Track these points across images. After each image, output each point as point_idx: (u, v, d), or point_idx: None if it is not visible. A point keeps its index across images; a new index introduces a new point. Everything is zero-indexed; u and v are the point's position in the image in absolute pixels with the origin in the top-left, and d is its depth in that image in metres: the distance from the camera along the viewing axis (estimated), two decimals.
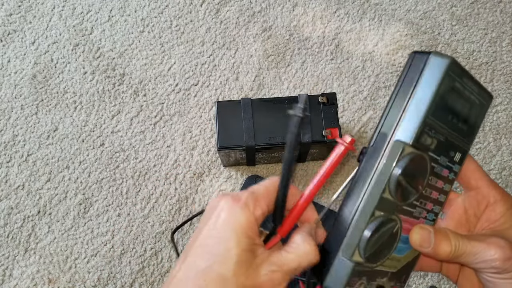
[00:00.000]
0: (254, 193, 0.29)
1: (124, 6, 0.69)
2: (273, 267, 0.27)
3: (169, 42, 0.67)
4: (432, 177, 0.30)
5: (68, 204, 0.60)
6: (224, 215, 0.28)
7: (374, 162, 0.29)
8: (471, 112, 0.31)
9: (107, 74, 0.65)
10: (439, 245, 0.29)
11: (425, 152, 0.29)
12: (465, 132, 0.32)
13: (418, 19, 0.68)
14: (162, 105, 0.64)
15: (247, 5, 0.69)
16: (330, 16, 0.68)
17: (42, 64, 0.66)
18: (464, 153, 0.32)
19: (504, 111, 0.64)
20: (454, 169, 0.32)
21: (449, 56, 0.28)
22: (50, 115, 0.63)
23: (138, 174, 0.61)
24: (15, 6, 0.68)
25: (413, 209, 0.30)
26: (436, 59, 0.28)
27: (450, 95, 0.30)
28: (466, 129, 0.32)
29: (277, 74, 0.66)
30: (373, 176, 0.28)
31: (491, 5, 0.69)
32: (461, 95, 0.30)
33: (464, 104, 0.31)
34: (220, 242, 0.27)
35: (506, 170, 0.61)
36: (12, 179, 0.61)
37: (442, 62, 0.28)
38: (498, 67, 0.66)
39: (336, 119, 0.54)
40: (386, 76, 0.65)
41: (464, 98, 0.30)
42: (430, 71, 0.29)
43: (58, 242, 0.58)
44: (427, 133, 0.29)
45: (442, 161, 0.30)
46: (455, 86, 0.29)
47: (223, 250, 0.27)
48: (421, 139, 0.28)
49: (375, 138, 0.29)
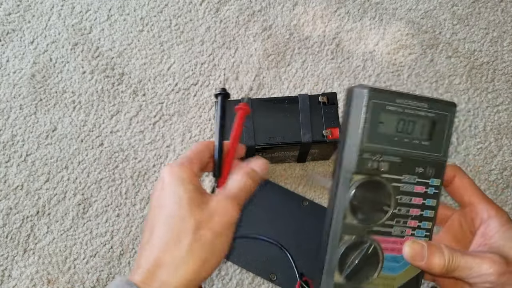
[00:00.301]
0: (185, 156, 0.34)
1: (123, 5, 0.68)
2: (219, 196, 0.33)
3: (168, 41, 0.67)
4: (402, 196, 0.32)
5: (67, 204, 0.59)
6: (168, 177, 0.33)
7: (335, 194, 0.32)
8: (426, 127, 0.33)
9: (106, 73, 0.65)
10: (432, 258, 0.30)
11: (377, 175, 0.32)
12: (428, 147, 0.33)
13: (419, 18, 0.68)
14: (162, 105, 0.64)
15: (247, 4, 0.68)
16: (330, 15, 0.68)
17: (41, 63, 0.65)
18: (438, 166, 0.33)
19: (506, 111, 0.64)
20: (432, 183, 0.33)
21: (369, 87, 0.31)
22: (49, 115, 0.63)
23: (137, 174, 0.61)
24: (13, 6, 0.68)
25: (390, 228, 0.32)
26: (358, 91, 0.32)
27: (386, 118, 0.32)
28: (430, 144, 0.33)
29: (277, 74, 0.65)
30: (336, 206, 0.32)
31: (492, 4, 0.68)
32: (402, 115, 0.32)
33: (411, 122, 0.33)
34: (172, 195, 0.32)
35: (507, 170, 0.61)
36: (11, 179, 0.60)
37: (362, 92, 0.31)
38: (499, 67, 0.65)
39: (337, 119, 0.53)
40: (387, 75, 0.65)
41: (407, 117, 0.32)
42: (355, 104, 0.32)
43: (57, 243, 0.58)
44: (369, 158, 0.32)
45: (408, 179, 0.33)
46: (387, 109, 0.32)
47: (176, 200, 0.32)
48: (364, 165, 0.31)
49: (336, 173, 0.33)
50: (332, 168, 0.61)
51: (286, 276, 0.55)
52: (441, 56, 0.66)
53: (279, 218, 0.58)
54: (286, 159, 0.59)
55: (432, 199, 0.34)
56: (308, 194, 0.60)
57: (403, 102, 0.32)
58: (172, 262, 0.31)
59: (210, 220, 0.32)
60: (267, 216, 0.58)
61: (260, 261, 0.56)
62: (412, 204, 0.33)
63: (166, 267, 0.31)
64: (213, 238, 0.32)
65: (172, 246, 0.31)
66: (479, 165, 0.61)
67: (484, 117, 0.63)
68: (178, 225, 0.32)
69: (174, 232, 0.32)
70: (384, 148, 0.32)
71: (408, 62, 0.66)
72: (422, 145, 0.33)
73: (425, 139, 0.33)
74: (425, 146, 0.33)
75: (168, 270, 0.31)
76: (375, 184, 0.32)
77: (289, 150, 0.55)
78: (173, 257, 0.31)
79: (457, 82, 0.65)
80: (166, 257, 0.31)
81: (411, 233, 0.34)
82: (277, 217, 0.58)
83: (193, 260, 0.31)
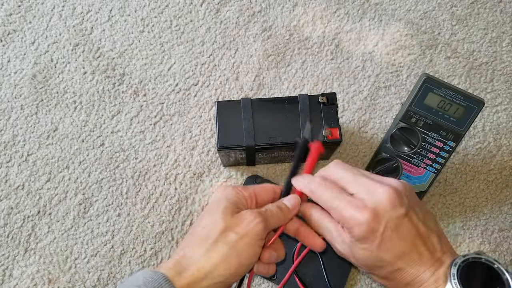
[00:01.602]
0: (247, 187, 0.40)
1: (124, 6, 0.69)
2: (251, 211, 0.37)
3: (169, 42, 0.67)
4: (425, 143, 0.53)
5: (68, 204, 0.60)
6: (218, 193, 0.39)
7: (389, 130, 0.55)
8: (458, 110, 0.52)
9: (107, 74, 0.65)
10: None
11: (414, 127, 0.53)
12: (455, 122, 0.52)
13: (418, 19, 0.68)
14: (162, 105, 0.64)
15: (247, 5, 0.69)
16: (330, 16, 0.68)
17: (42, 64, 0.66)
18: (457, 134, 0.52)
19: (504, 111, 0.64)
20: (449, 144, 0.52)
21: (427, 75, 0.52)
22: (50, 115, 0.63)
23: (138, 174, 0.61)
24: (15, 6, 0.68)
25: (411, 158, 0.53)
26: (421, 75, 0.53)
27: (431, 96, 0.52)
28: (456, 121, 0.52)
29: (277, 74, 0.66)
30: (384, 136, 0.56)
31: (491, 5, 0.69)
32: (443, 98, 0.52)
33: (448, 104, 0.52)
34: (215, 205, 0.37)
35: (507, 170, 0.61)
36: (12, 179, 0.61)
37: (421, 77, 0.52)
38: (498, 67, 0.66)
39: (336, 119, 0.54)
40: (386, 76, 0.65)
41: (446, 100, 0.52)
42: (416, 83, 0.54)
43: (58, 242, 0.58)
44: (412, 115, 0.53)
45: (433, 135, 0.53)
46: (434, 92, 0.52)
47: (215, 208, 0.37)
48: (407, 118, 0.53)
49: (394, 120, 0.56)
50: None
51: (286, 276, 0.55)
52: (440, 56, 0.66)
53: None
54: (286, 159, 0.60)
55: (446, 152, 0.53)
56: None
57: (446, 91, 0.51)
58: (196, 253, 0.35)
59: (238, 225, 0.36)
60: None
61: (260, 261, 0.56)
62: (431, 150, 0.53)
63: (189, 257, 0.35)
64: (237, 240, 0.35)
65: (199, 242, 0.35)
66: (478, 165, 0.62)
67: (483, 117, 0.64)
68: (209, 227, 0.36)
69: (204, 231, 0.36)
70: (423, 112, 0.52)
71: (407, 63, 0.66)
72: (451, 120, 0.52)
73: (454, 117, 0.52)
74: (453, 121, 0.52)
75: (191, 260, 0.35)
76: (410, 130, 0.53)
77: (289, 150, 0.55)
78: (198, 249, 0.35)
79: (456, 83, 0.65)
80: (192, 250, 0.35)
81: (425, 166, 0.53)
82: None
83: (214, 254, 0.35)
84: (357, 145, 0.62)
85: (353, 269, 0.56)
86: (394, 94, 0.65)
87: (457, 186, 0.61)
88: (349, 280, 0.56)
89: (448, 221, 0.60)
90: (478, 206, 0.60)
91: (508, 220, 0.59)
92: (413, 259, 0.35)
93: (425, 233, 0.36)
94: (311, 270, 0.55)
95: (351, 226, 0.36)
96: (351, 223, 0.36)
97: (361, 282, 0.56)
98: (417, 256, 0.35)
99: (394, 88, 0.65)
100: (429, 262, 0.35)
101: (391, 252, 0.35)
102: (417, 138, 0.53)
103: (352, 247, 0.37)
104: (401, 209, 0.35)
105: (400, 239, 0.35)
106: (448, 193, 0.61)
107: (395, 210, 0.35)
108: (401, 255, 0.35)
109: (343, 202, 0.36)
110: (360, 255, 0.36)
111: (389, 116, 0.64)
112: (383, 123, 0.63)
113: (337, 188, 0.38)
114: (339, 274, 0.55)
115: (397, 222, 0.35)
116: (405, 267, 0.36)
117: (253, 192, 0.39)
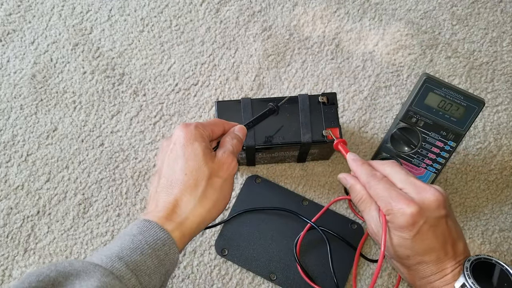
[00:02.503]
0: (200, 122, 0.42)
1: (123, 5, 0.69)
2: (223, 153, 0.41)
3: (168, 41, 0.67)
4: (426, 143, 0.53)
5: (68, 204, 0.60)
6: (184, 134, 0.40)
7: (389, 131, 0.55)
8: (458, 110, 0.52)
9: (107, 74, 0.65)
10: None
11: (414, 127, 0.53)
12: (455, 122, 0.52)
13: (419, 19, 0.68)
14: (162, 105, 0.64)
15: (247, 4, 0.69)
16: (330, 16, 0.68)
17: (41, 64, 0.66)
18: (458, 134, 0.52)
19: (505, 111, 0.64)
20: (449, 143, 0.52)
21: (428, 74, 0.52)
22: (49, 115, 0.63)
23: (137, 174, 0.61)
24: (14, 6, 0.68)
25: (411, 159, 0.53)
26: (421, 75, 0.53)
27: (431, 96, 0.52)
28: (457, 120, 0.52)
29: (277, 74, 0.65)
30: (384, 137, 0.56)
31: (491, 4, 0.69)
32: (443, 98, 0.52)
33: (448, 104, 0.52)
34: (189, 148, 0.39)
35: (507, 170, 0.61)
36: (11, 179, 0.60)
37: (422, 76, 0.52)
38: (499, 67, 0.66)
39: (337, 119, 0.53)
40: (386, 76, 0.65)
41: (447, 100, 0.52)
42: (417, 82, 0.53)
43: (58, 242, 0.58)
44: (412, 115, 0.53)
45: (433, 135, 0.52)
46: (434, 91, 0.52)
47: (192, 153, 0.39)
48: (407, 118, 0.53)
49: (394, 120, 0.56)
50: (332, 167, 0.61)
51: (286, 276, 0.55)
52: (441, 56, 0.66)
53: (279, 218, 0.58)
54: (286, 159, 0.59)
55: (446, 152, 0.53)
56: (308, 194, 0.60)
57: (447, 91, 0.51)
58: (190, 202, 0.38)
59: (220, 169, 0.40)
60: (267, 216, 0.58)
61: (260, 261, 0.56)
62: (431, 150, 0.53)
63: (185, 206, 0.38)
64: (222, 184, 0.40)
65: (190, 189, 0.38)
66: (479, 165, 0.62)
67: (483, 117, 0.64)
68: (195, 173, 0.39)
69: (192, 180, 0.38)
70: (423, 112, 0.52)
71: (407, 63, 0.66)
72: (451, 119, 0.52)
73: (455, 117, 0.52)
74: (453, 121, 0.52)
75: (186, 208, 0.38)
76: (410, 130, 0.53)
77: (289, 150, 0.55)
78: (191, 198, 0.38)
79: (457, 82, 0.65)
80: (184, 198, 0.38)
81: (425, 166, 0.53)
82: (277, 217, 0.58)
83: (206, 201, 0.39)
84: (357, 145, 0.62)
85: (354, 268, 0.56)
86: (394, 94, 0.64)
87: (457, 186, 0.61)
88: (349, 280, 0.56)
89: None
90: (478, 206, 0.60)
91: (509, 220, 0.59)
92: (439, 257, 0.40)
93: (455, 237, 0.41)
94: (315, 262, 0.55)
95: (396, 214, 0.40)
96: (397, 212, 0.40)
97: (361, 283, 0.56)
98: (443, 255, 0.40)
99: (395, 88, 0.65)
100: (450, 263, 0.40)
101: (423, 245, 0.39)
102: (417, 138, 0.53)
103: (389, 234, 0.41)
104: (443, 211, 0.40)
105: (434, 236, 0.39)
106: (448, 193, 0.60)
107: (438, 210, 0.40)
108: (431, 251, 0.40)
109: (394, 193, 0.41)
110: (394, 242, 0.40)
111: (389, 116, 0.64)
112: (383, 123, 0.63)
113: (389, 181, 0.43)
114: (343, 267, 0.55)
115: (436, 222, 0.40)
116: (429, 262, 0.40)
117: (210, 129, 0.43)
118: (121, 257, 0.33)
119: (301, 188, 0.60)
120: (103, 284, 0.31)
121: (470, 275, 0.37)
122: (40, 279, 0.30)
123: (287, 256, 0.56)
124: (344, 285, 0.55)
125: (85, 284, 0.30)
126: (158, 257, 0.35)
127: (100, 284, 0.31)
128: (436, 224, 0.40)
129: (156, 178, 0.41)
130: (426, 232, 0.39)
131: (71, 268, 0.32)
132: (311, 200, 0.59)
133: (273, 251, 0.56)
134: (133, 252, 0.34)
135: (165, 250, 0.35)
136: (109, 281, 0.31)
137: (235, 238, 0.57)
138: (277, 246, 0.56)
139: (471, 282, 0.37)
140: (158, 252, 0.35)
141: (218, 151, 0.42)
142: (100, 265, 0.32)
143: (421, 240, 0.39)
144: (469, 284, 0.37)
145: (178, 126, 0.41)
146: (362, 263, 0.57)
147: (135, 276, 0.33)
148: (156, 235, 0.35)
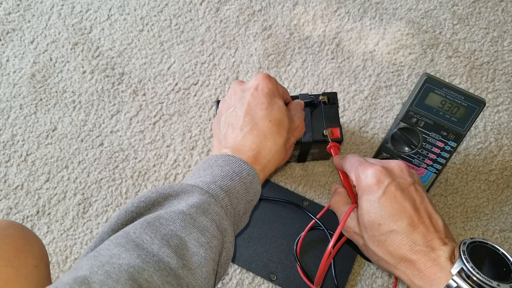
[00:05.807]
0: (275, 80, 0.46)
1: (123, 5, 0.68)
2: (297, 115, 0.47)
3: (168, 41, 0.67)
4: (426, 143, 0.52)
5: (67, 204, 0.59)
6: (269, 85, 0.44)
7: (390, 130, 0.55)
8: (459, 110, 0.51)
9: (106, 73, 0.65)
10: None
11: (415, 127, 0.53)
12: (456, 122, 0.51)
13: (419, 18, 0.68)
14: (162, 105, 0.64)
15: (247, 3, 0.68)
16: (330, 15, 0.68)
17: (41, 63, 0.65)
18: (458, 135, 0.52)
19: (506, 111, 0.64)
20: (450, 144, 0.52)
21: (428, 74, 0.52)
22: (49, 114, 0.63)
23: (137, 174, 0.61)
24: (13, 5, 0.68)
25: (412, 159, 0.53)
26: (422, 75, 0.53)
27: (432, 96, 0.52)
28: (457, 121, 0.51)
29: (277, 74, 0.65)
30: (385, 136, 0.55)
31: (492, 4, 0.68)
32: (444, 98, 0.51)
33: (449, 104, 0.51)
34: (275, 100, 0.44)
35: (508, 170, 0.61)
36: (11, 179, 0.60)
37: (422, 76, 0.52)
38: (500, 67, 0.65)
39: (337, 119, 0.53)
40: (387, 75, 0.65)
41: (447, 100, 0.51)
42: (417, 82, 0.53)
43: (57, 242, 0.58)
44: (413, 115, 0.52)
45: (434, 136, 0.52)
46: (435, 91, 0.51)
47: (276, 105, 0.43)
48: (408, 118, 0.53)
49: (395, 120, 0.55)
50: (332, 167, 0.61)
51: (286, 276, 0.55)
52: (441, 56, 0.66)
53: (279, 218, 0.58)
54: None
55: (447, 153, 0.53)
56: (308, 194, 0.60)
57: (447, 91, 0.51)
58: (270, 151, 0.42)
59: (295, 130, 0.46)
60: (267, 216, 0.58)
61: (260, 261, 0.56)
62: (432, 150, 0.53)
63: (266, 155, 0.42)
64: (292, 143, 0.46)
65: (272, 140, 0.42)
66: (479, 165, 0.61)
67: (484, 117, 0.63)
68: (277, 126, 0.42)
69: (274, 129, 0.42)
70: (424, 112, 0.52)
71: (408, 62, 0.66)
72: (452, 120, 0.52)
73: (455, 117, 0.52)
74: (454, 121, 0.52)
75: (267, 157, 0.42)
76: (411, 130, 0.53)
77: None
78: (272, 149, 0.42)
79: (457, 82, 0.65)
80: (267, 147, 0.42)
81: (426, 167, 0.53)
82: (277, 217, 0.58)
83: (282, 154, 0.43)
84: (357, 145, 0.62)
85: (354, 268, 0.56)
86: (395, 94, 0.64)
87: (458, 187, 0.60)
88: (350, 281, 0.56)
89: (449, 221, 0.59)
90: (479, 206, 0.60)
91: (509, 220, 0.59)
92: (413, 224, 0.38)
93: (431, 211, 0.39)
94: (315, 262, 0.55)
95: (361, 177, 0.41)
96: (361, 174, 0.41)
97: (361, 283, 0.56)
98: (417, 221, 0.38)
99: (395, 87, 0.65)
100: (436, 235, 0.38)
101: (391, 208, 0.38)
102: (418, 138, 0.53)
103: (359, 202, 0.41)
104: (408, 178, 0.41)
105: (403, 198, 0.39)
106: (449, 193, 0.60)
107: (403, 176, 0.41)
108: (401, 215, 0.38)
109: (363, 162, 0.43)
110: (363, 208, 0.40)
111: (390, 116, 0.63)
112: (383, 123, 0.63)
113: (360, 158, 0.46)
114: (343, 267, 0.55)
115: (403, 186, 0.40)
116: (401, 232, 0.38)
117: (283, 91, 0.47)
118: (214, 181, 0.37)
119: (301, 188, 0.60)
120: (201, 200, 0.34)
121: (468, 259, 0.34)
122: (142, 199, 0.34)
123: (287, 256, 0.56)
124: (344, 285, 0.55)
125: (183, 201, 0.34)
126: (245, 184, 0.38)
127: (198, 200, 0.34)
128: (403, 188, 0.39)
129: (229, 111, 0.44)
130: (393, 192, 0.39)
131: (171, 190, 0.35)
132: (311, 200, 0.59)
133: (273, 251, 0.56)
134: (224, 178, 0.38)
135: (250, 179, 0.39)
136: (205, 198, 0.35)
137: (235, 238, 0.57)
138: (277, 246, 0.56)
139: (470, 267, 0.33)
140: (245, 179, 0.39)
141: (293, 113, 0.47)
142: (198, 185, 0.36)
143: (389, 202, 0.39)
144: (467, 269, 0.33)
145: (260, 75, 0.44)
146: (362, 263, 0.57)
147: (228, 197, 0.37)
148: (241, 167, 0.39)
